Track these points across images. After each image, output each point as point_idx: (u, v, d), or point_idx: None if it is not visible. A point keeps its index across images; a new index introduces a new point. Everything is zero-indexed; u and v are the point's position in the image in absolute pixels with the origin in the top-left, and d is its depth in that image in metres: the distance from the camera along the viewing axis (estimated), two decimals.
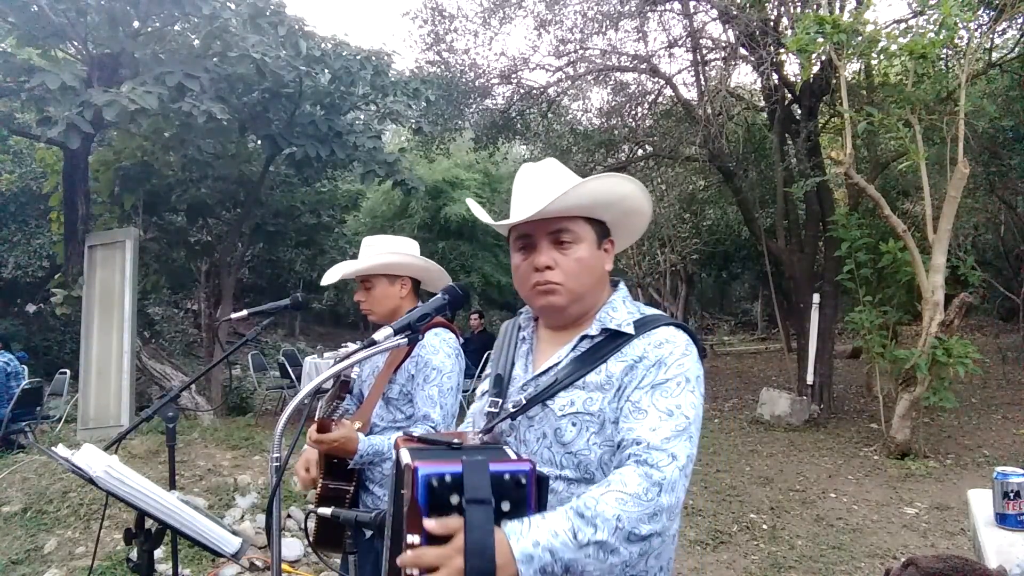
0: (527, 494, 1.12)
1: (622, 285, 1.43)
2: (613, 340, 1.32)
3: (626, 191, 1.36)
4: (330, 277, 2.40)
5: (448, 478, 1.07)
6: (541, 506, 1.15)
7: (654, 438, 1.18)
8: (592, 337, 1.34)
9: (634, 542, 1.11)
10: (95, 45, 6.66)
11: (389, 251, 2.30)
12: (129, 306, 6.54)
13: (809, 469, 6.42)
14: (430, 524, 1.05)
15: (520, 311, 1.54)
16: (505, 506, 1.10)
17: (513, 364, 1.45)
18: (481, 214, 1.45)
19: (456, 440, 1.21)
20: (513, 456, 1.18)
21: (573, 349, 1.35)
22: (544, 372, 1.36)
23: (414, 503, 1.07)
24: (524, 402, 1.33)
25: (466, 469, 1.08)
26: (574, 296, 1.35)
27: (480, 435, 1.32)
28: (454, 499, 1.07)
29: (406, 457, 1.14)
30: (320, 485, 2.15)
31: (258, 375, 10.99)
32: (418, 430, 2.10)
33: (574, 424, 1.28)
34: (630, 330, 1.31)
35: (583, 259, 1.33)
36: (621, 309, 1.36)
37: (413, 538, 1.07)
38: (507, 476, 1.10)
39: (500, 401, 1.40)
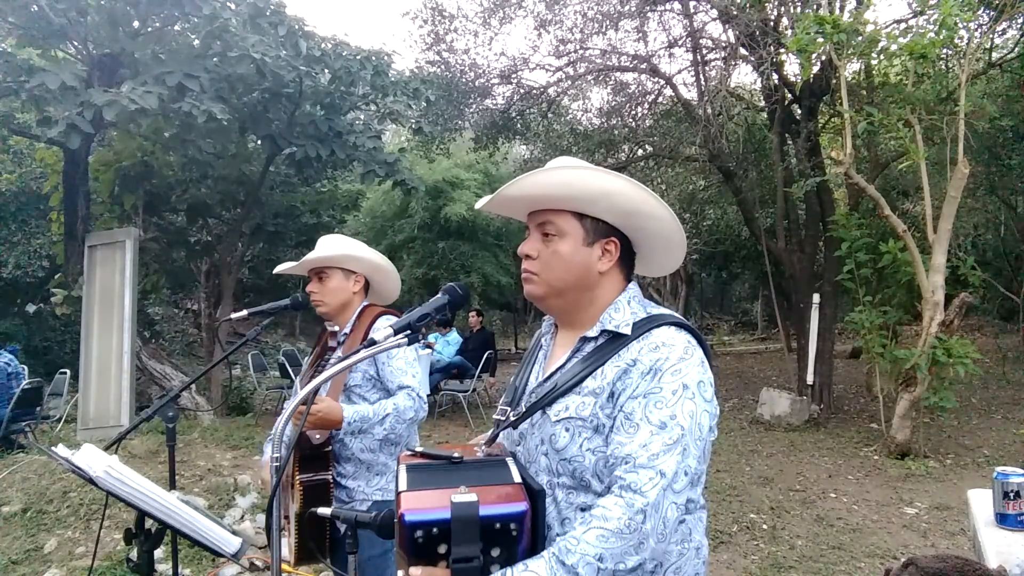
0: (519, 537, 1.11)
1: (632, 285, 1.38)
2: (612, 343, 1.28)
3: (610, 187, 1.27)
4: (287, 267, 2.43)
5: (435, 530, 1.07)
6: (536, 529, 1.15)
7: (643, 455, 1.13)
8: (592, 339, 1.31)
9: (622, 573, 1.10)
10: (95, 45, 6.66)
11: (349, 244, 2.35)
12: (129, 306, 6.54)
13: (809, 469, 6.42)
14: (415, 573, 1.07)
15: (543, 318, 1.52)
16: (495, 552, 1.09)
17: (531, 372, 1.45)
18: (480, 203, 1.44)
19: (457, 454, 1.20)
20: (514, 478, 1.17)
21: (575, 352, 1.33)
22: (548, 377, 1.35)
23: (401, 548, 1.10)
24: (524, 410, 1.32)
25: (454, 520, 1.07)
26: (551, 289, 1.33)
27: (484, 447, 1.31)
28: (442, 549, 1.08)
29: (402, 481, 1.15)
30: (298, 483, 2.10)
31: (258, 375, 10.99)
32: (402, 399, 2.16)
33: (567, 430, 1.24)
34: (628, 331, 1.27)
35: (560, 253, 1.30)
36: (624, 309, 1.32)
37: None
38: (498, 525, 1.09)
39: (508, 409, 1.39)
